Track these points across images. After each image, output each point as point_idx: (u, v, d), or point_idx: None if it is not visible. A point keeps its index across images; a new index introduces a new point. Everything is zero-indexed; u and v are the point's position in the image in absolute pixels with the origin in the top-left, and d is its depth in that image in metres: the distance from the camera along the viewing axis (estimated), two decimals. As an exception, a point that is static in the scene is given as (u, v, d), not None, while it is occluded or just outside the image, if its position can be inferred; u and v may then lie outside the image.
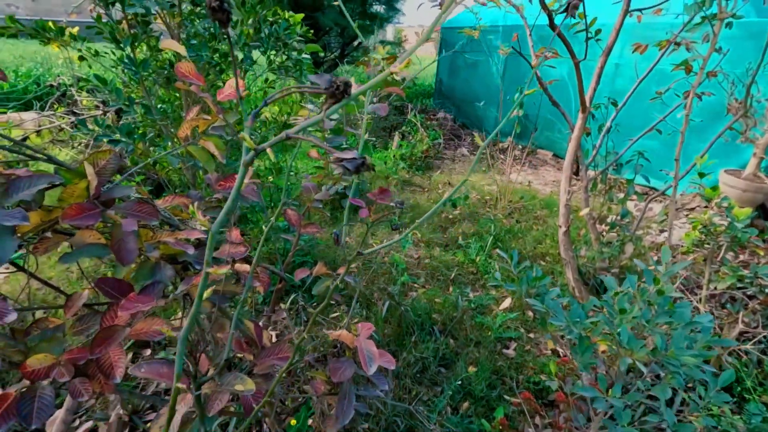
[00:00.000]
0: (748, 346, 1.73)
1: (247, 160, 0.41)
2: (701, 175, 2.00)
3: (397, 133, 5.42)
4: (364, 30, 7.43)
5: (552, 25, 2.16)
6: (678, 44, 2.25)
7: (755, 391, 1.69)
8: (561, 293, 1.65)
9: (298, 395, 1.53)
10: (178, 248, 0.92)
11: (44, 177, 0.79)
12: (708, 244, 2.04)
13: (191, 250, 0.93)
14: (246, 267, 0.94)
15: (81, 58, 1.78)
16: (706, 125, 3.46)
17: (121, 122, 1.42)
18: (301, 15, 1.75)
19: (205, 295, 0.49)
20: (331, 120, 1.63)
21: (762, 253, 2.07)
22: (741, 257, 2.61)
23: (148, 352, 1.84)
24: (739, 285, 1.99)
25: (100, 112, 4.28)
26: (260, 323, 1.14)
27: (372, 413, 1.49)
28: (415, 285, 2.55)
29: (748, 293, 2.13)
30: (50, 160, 0.87)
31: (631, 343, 0.87)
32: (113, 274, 1.01)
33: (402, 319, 2.12)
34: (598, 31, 2.27)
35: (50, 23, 1.65)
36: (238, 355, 1.02)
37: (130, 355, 1.90)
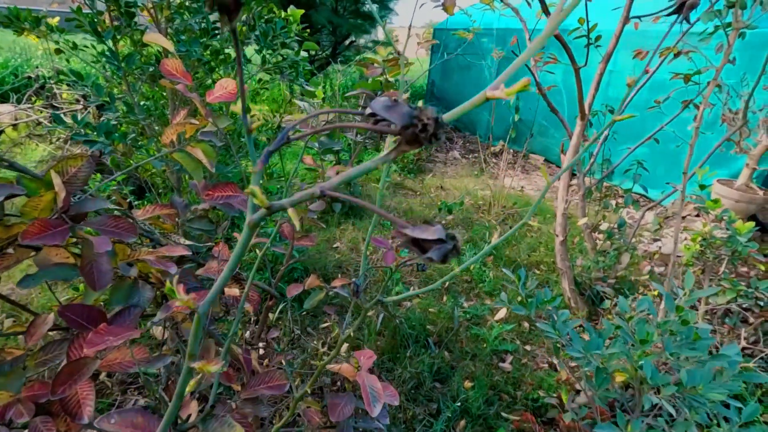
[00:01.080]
0: (751, 365, 1.69)
1: (255, 219, 0.32)
2: (702, 187, 1.96)
3: (389, 137, 5.33)
4: (356, 29, 7.34)
5: (554, 30, 2.11)
6: (678, 53, 2.22)
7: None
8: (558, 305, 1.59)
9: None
10: (158, 267, 0.82)
11: (3, 188, 0.68)
12: (707, 256, 2.01)
13: (173, 269, 0.84)
14: (234, 291, 0.85)
15: (58, 51, 1.65)
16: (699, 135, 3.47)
17: (101, 120, 1.31)
18: (301, 11, 1.66)
19: (188, 389, 0.40)
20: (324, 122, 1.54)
21: (763, 267, 2.04)
22: (736, 270, 2.60)
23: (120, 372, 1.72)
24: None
25: (81, 106, 4.11)
26: (249, 343, 1.05)
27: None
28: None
29: (744, 306, 2.11)
30: (11, 166, 0.77)
31: (656, 378, 0.80)
32: (82, 293, 0.91)
33: (396, 331, 2.04)
34: (598, 38, 2.22)
35: (26, 12, 1.53)
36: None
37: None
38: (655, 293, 2.29)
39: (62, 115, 1.38)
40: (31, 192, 0.74)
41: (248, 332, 1.98)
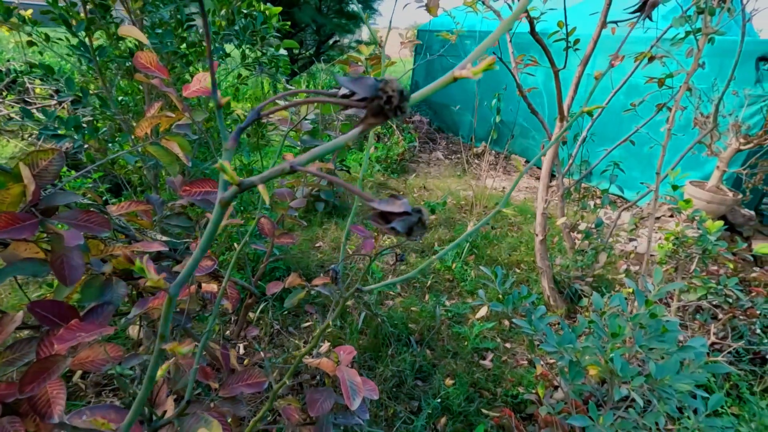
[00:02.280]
0: (720, 359, 1.76)
1: (227, 197, 0.32)
2: (675, 187, 2.03)
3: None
4: (340, 29, 7.31)
5: (533, 33, 2.15)
6: (653, 57, 2.28)
7: (725, 403, 1.71)
8: (536, 302, 1.62)
9: (267, 414, 1.43)
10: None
11: (-32, 180, 0.66)
12: (680, 255, 2.08)
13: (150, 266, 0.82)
14: (213, 287, 0.84)
15: (30, 43, 1.60)
16: (671, 138, 3.58)
17: (71, 114, 1.27)
18: (279, 9, 1.64)
19: (160, 372, 0.39)
20: (307, 121, 1.53)
21: (731, 265, 2.12)
22: (707, 268, 2.69)
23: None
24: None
25: (55, 101, 3.98)
26: (227, 339, 1.03)
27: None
28: (391, 293, 2.48)
29: (714, 303, 2.19)
30: (-22, 159, 0.74)
31: (626, 370, 0.83)
32: (54, 290, 0.88)
33: (378, 330, 2.04)
34: (576, 41, 2.27)
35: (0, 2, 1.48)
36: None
37: (80, 372, 1.74)
38: (630, 291, 2.35)
39: (32, 110, 1.34)
40: (-2, 185, 0.72)
41: (228, 332, 1.95)
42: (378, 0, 7.89)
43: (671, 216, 3.89)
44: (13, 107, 4.12)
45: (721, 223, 1.88)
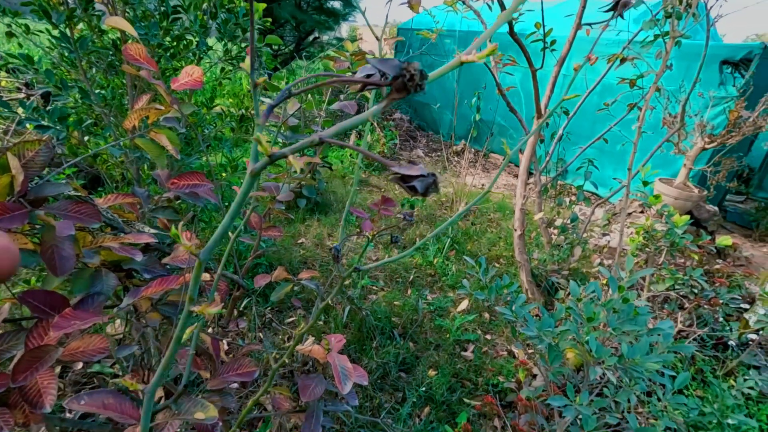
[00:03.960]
0: (681, 344, 1.86)
1: (258, 168, 0.34)
2: (645, 183, 2.13)
3: (353, 132, 5.35)
4: (320, 25, 7.27)
5: (512, 33, 2.21)
6: (624, 59, 2.38)
7: (690, 387, 1.81)
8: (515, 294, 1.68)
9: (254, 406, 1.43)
10: (123, 254, 0.81)
11: (-46, 170, 0.65)
12: (649, 248, 2.18)
13: (139, 256, 0.83)
14: (205, 276, 0.85)
15: (9, 34, 1.55)
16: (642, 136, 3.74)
17: (51, 106, 1.25)
18: (263, 5, 1.65)
19: (186, 333, 0.41)
20: (292, 116, 1.54)
21: (696, 257, 2.24)
22: (674, 261, 2.83)
23: (79, 365, 1.65)
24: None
25: (23, 94, 3.83)
26: (223, 327, 1.04)
27: (336, 427, 1.43)
28: (375, 288, 2.51)
29: (681, 293, 2.30)
30: (-37, 149, 0.73)
31: (600, 351, 0.88)
32: (42, 282, 0.87)
33: (363, 323, 2.07)
34: (553, 42, 2.34)
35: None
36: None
37: (57, 369, 1.70)
38: (604, 282, 2.45)
39: (6, 102, 1.30)
40: (-16, 176, 0.71)
41: (211, 329, 1.94)
42: (358, -3, 7.88)
43: (642, 212, 4.05)
44: (-23, 100, 3.95)
45: (687, 217, 1.99)
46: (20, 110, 1.32)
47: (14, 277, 2.09)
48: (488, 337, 2.24)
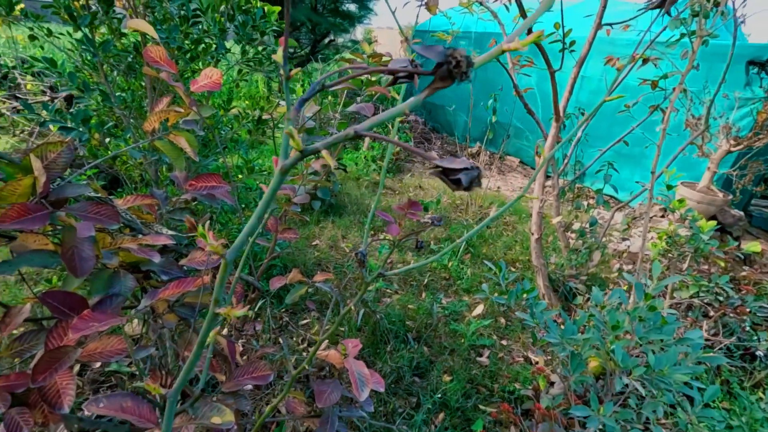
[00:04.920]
0: (711, 355, 1.79)
1: (288, 164, 0.33)
2: (669, 187, 2.07)
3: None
4: (335, 28, 7.32)
5: (529, 33, 2.17)
6: (646, 60, 2.32)
7: (717, 399, 1.75)
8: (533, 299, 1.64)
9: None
10: (141, 256, 0.81)
11: (-21, 171, 0.66)
12: (672, 254, 2.12)
13: (156, 258, 0.83)
14: (221, 279, 0.84)
15: (32, 38, 1.59)
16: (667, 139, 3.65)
17: (73, 109, 1.27)
18: (278, 8, 1.65)
19: (210, 337, 0.40)
20: (310, 119, 1.54)
21: (723, 264, 2.16)
22: (698, 267, 2.74)
23: (98, 364, 1.68)
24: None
25: (47, 97, 3.94)
26: (239, 330, 1.04)
27: None
28: (389, 291, 2.50)
29: (705, 301, 2.23)
30: (-13, 150, 0.74)
31: (626, 361, 0.85)
32: (62, 282, 0.88)
33: (376, 327, 2.05)
34: (572, 43, 2.30)
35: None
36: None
37: (76, 368, 1.72)
38: (625, 288, 2.39)
39: (32, 105, 1.33)
40: (8, 177, 0.72)
41: (225, 330, 1.95)
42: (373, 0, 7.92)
43: (663, 216, 3.95)
44: (4, 103, 4.07)
45: (714, 223, 1.92)
46: (44, 113, 1.34)
47: (37, 276, 2.13)
48: (504, 342, 2.20)
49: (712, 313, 2.26)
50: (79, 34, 1.27)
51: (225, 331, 1.95)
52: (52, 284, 1.58)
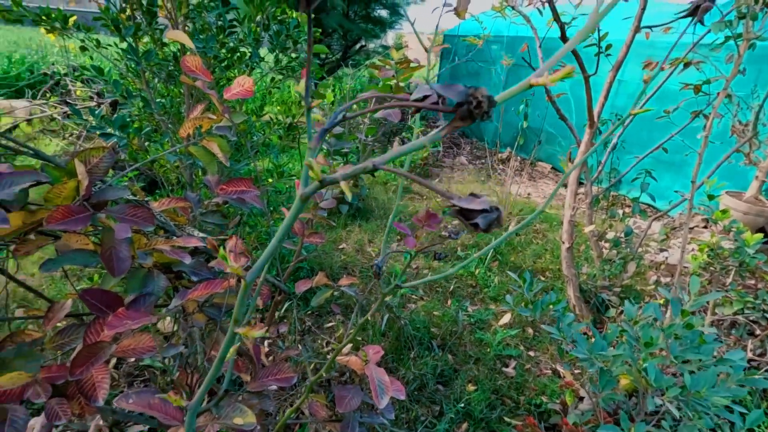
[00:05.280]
0: (757, 377, 1.68)
1: (308, 192, 0.34)
2: (711, 197, 1.96)
3: (397, 138, 5.36)
4: (367, 34, 7.39)
5: (564, 38, 2.13)
6: (688, 63, 2.22)
7: (762, 424, 1.64)
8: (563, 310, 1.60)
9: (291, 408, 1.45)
10: (173, 257, 0.84)
11: (28, 174, 0.71)
12: (714, 267, 2.01)
13: (187, 260, 0.86)
14: (248, 281, 0.87)
15: (83, 49, 1.69)
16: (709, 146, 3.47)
17: (115, 115, 1.34)
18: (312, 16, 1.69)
19: (229, 354, 0.41)
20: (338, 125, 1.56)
21: (770, 280, 2.03)
22: (744, 282, 2.58)
23: (133, 358, 1.75)
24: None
25: (95, 103, 4.17)
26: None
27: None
28: (414, 297, 2.49)
29: (751, 318, 2.10)
30: (37, 155, 0.79)
31: (660, 380, 0.81)
32: (100, 279, 0.93)
33: (400, 332, 2.05)
34: (608, 46, 2.23)
35: (57, 11, 1.57)
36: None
37: (113, 362, 1.81)
38: (661, 302, 2.28)
39: (79, 110, 1.42)
40: (54, 180, 0.76)
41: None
42: (404, 5, 7.94)
43: (705, 227, 3.76)
44: (55, 108, 4.33)
45: (760, 235, 1.81)
46: (90, 118, 1.42)
47: (80, 272, 2.26)
48: (531, 353, 2.15)
49: (758, 332, 2.12)
50: (124, 44, 1.34)
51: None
52: (93, 282, 1.67)
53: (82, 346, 0.72)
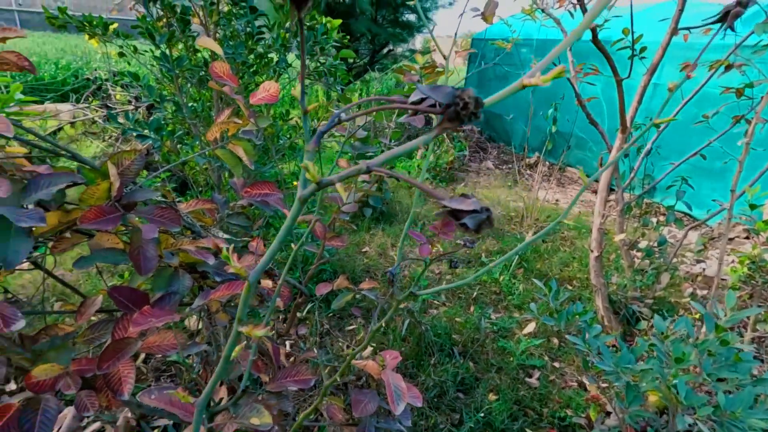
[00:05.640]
0: (802, 399, 1.58)
1: (306, 194, 0.35)
2: (752, 206, 1.86)
3: (431, 144, 5.34)
4: (394, 38, 7.42)
5: (596, 41, 2.07)
6: (729, 66, 2.12)
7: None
8: (590, 321, 1.55)
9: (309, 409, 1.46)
10: (198, 257, 0.87)
11: (65, 176, 0.74)
12: (756, 281, 1.90)
13: (211, 260, 0.88)
14: (268, 282, 0.88)
15: (121, 54, 1.78)
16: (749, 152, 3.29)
17: (151, 118, 1.40)
18: (339, 21, 1.71)
19: (234, 353, 0.42)
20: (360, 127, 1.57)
21: (818, 296, 1.90)
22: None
23: (159, 354, 1.81)
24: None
25: (132, 107, 4.36)
26: (280, 335, 1.07)
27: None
28: (436, 302, 2.46)
29: (796, 337, 1.97)
30: (74, 157, 0.83)
31: (690, 398, 0.77)
32: (129, 277, 0.96)
33: (421, 338, 2.03)
34: (643, 49, 2.16)
35: (99, 19, 1.66)
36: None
37: (142, 356, 1.87)
38: (697, 316, 2.17)
39: (116, 115, 1.49)
40: (89, 181, 0.80)
41: (273, 331, 2.03)
42: (433, 9, 7.94)
43: (746, 237, 3.56)
44: (96, 111, 4.56)
45: (807, 247, 1.70)
46: (126, 121, 1.49)
47: (113, 269, 2.35)
48: (556, 364, 2.09)
49: (804, 351, 1.99)
50: (158, 51, 1.40)
51: (272, 334, 2.03)
52: (124, 279, 1.74)
53: (110, 341, 0.75)
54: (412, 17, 7.55)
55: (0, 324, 0.61)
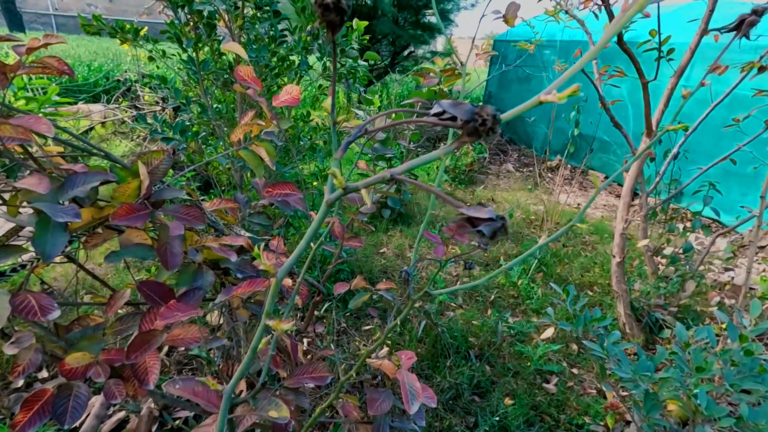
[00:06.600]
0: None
1: (332, 199, 0.36)
2: (785, 214, 1.79)
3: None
4: (415, 40, 7.43)
5: (621, 42, 2.03)
6: (763, 68, 2.05)
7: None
8: (610, 327, 1.52)
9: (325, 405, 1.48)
10: (221, 254, 0.90)
11: (99, 174, 0.78)
12: (787, 291, 1.83)
13: (234, 257, 0.91)
14: (288, 281, 0.90)
15: (151, 58, 1.85)
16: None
17: (177, 120, 1.45)
18: (365, 23, 1.73)
19: (260, 345, 0.44)
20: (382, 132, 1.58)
21: None
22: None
23: (182, 347, 1.86)
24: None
25: (159, 108, 4.50)
26: (298, 331, 1.10)
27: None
28: (453, 305, 2.46)
29: (831, 350, 1.88)
30: (107, 156, 0.87)
31: (711, 408, 0.75)
32: (156, 272, 1.00)
33: (437, 340, 2.03)
34: (670, 51, 2.11)
35: (130, 25, 1.74)
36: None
37: (165, 349, 1.93)
38: (723, 326, 2.11)
39: (144, 115, 1.55)
40: (120, 179, 0.84)
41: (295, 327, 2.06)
42: (455, 11, 7.92)
43: (779, 246, 3.42)
44: (126, 112, 4.72)
45: (843, 257, 1.63)
46: (154, 122, 1.54)
47: (141, 264, 2.44)
48: (575, 371, 2.05)
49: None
50: (185, 55, 1.45)
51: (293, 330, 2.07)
52: (151, 273, 1.80)
53: (138, 333, 0.79)
54: (433, 19, 7.55)
55: (38, 313, 0.65)
